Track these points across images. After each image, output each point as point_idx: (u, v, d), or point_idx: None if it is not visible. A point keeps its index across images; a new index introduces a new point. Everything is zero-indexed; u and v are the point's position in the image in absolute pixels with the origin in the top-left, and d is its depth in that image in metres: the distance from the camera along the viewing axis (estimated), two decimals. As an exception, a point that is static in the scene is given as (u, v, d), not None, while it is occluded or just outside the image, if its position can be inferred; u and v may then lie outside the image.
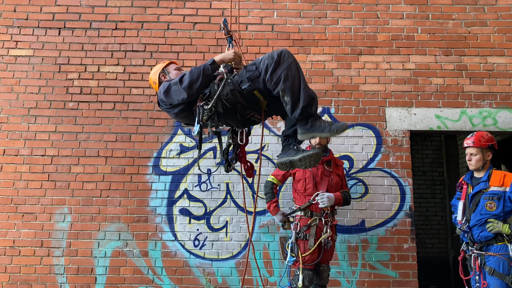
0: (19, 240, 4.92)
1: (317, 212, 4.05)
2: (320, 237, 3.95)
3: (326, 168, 4.20)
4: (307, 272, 3.90)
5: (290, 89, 2.49)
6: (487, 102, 5.18)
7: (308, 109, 2.53)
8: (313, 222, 4.02)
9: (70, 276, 4.86)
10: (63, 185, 5.04)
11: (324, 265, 4.05)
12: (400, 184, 5.03)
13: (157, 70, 3.14)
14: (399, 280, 4.82)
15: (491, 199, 3.53)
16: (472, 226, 3.60)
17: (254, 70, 2.59)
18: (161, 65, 3.18)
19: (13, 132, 5.16)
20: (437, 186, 8.15)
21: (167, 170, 5.09)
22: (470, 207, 3.65)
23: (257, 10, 5.43)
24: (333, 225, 4.14)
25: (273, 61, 2.51)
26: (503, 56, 5.28)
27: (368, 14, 5.42)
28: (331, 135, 2.58)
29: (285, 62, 2.52)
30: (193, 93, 2.71)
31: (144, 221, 4.98)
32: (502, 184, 3.53)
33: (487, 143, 3.67)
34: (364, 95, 5.23)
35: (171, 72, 3.14)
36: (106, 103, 5.24)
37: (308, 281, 3.88)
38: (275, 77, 2.50)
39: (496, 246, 3.47)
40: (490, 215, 3.51)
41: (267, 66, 2.52)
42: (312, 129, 2.55)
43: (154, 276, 4.87)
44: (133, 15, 5.45)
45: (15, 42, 5.37)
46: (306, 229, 4.00)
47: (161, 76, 3.12)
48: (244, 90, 2.63)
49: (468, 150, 3.74)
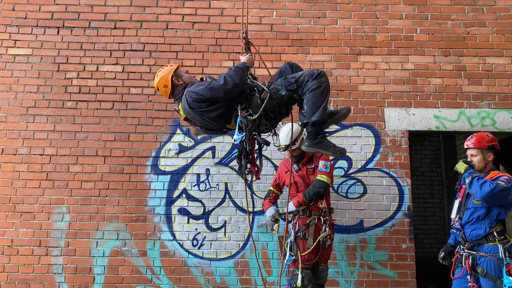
0: (17, 239, 4.92)
1: (316, 211, 4.06)
2: (318, 236, 3.97)
3: (309, 167, 4.21)
4: (306, 271, 3.91)
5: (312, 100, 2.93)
6: (485, 102, 5.18)
7: (318, 126, 2.96)
8: (312, 221, 4.03)
9: (68, 276, 4.85)
10: (62, 185, 5.04)
11: (323, 264, 4.05)
12: (398, 184, 5.04)
13: (168, 73, 3.12)
14: (397, 280, 4.82)
15: None
16: (464, 224, 3.61)
17: (293, 83, 2.99)
18: (171, 68, 3.16)
19: (11, 131, 5.15)
20: (435, 187, 8.16)
21: (166, 169, 5.09)
22: (464, 205, 3.67)
23: (256, 10, 5.43)
24: (331, 224, 4.15)
25: (312, 75, 2.97)
26: (501, 57, 5.29)
27: (367, 14, 5.43)
28: (334, 156, 3.05)
29: (320, 78, 2.97)
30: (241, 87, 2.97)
31: (142, 220, 4.97)
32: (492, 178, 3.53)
33: (488, 144, 3.64)
34: (363, 95, 5.23)
35: (183, 76, 3.16)
36: (105, 103, 5.23)
37: (308, 280, 3.89)
38: (306, 87, 2.95)
39: (487, 247, 3.45)
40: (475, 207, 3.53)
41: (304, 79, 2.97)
42: (319, 145, 3.00)
43: (152, 275, 4.86)
44: (132, 15, 5.45)
45: (13, 41, 5.36)
46: (305, 228, 4.01)
47: (174, 80, 3.12)
48: (285, 96, 3.02)
49: (469, 151, 3.73)
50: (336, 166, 5.06)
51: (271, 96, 2.99)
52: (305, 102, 2.96)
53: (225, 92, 2.91)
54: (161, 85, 3.14)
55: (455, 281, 3.67)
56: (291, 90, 3.01)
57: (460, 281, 3.61)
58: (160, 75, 3.16)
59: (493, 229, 3.46)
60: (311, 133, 2.99)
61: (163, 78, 3.13)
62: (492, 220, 3.48)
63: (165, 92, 3.17)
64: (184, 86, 3.13)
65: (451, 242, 3.86)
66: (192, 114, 3.03)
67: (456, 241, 3.78)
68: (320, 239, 3.95)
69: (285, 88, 3.02)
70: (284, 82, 3.05)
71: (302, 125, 3.03)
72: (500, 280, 3.27)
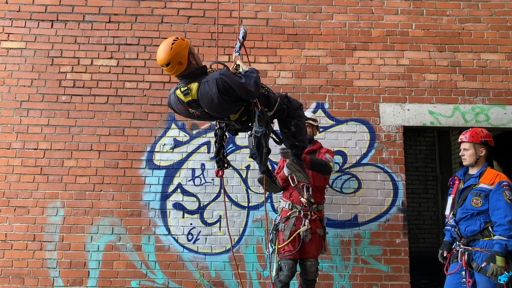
0: (11, 234, 4.90)
1: (297, 204, 4.06)
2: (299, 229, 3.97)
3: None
4: (287, 262, 3.93)
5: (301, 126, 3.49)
6: (480, 98, 5.21)
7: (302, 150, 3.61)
8: (293, 214, 4.05)
9: (63, 270, 4.85)
10: (56, 179, 5.02)
11: (311, 260, 4.00)
12: (393, 179, 5.06)
13: (185, 49, 2.82)
14: (391, 275, 4.86)
15: (478, 196, 3.51)
16: (458, 220, 3.62)
17: (290, 102, 3.41)
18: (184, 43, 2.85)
19: (5, 125, 5.11)
20: (429, 182, 8.22)
21: (161, 164, 5.08)
22: (458, 202, 3.67)
23: (252, 4, 5.41)
24: (317, 219, 4.07)
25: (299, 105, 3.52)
26: (496, 53, 5.31)
27: (363, 10, 5.42)
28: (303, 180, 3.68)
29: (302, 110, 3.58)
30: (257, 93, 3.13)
31: (137, 215, 4.97)
32: (493, 183, 3.50)
33: (481, 139, 3.66)
34: (358, 90, 5.24)
35: (195, 55, 2.93)
36: (100, 97, 5.21)
37: (288, 270, 3.90)
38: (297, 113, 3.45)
39: (483, 242, 3.45)
40: (475, 210, 3.50)
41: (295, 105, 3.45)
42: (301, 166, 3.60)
43: (147, 270, 4.87)
44: (127, 8, 5.41)
45: (7, 34, 5.31)
46: (285, 220, 4.04)
47: (190, 58, 2.86)
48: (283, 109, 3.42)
49: (462, 145, 3.76)
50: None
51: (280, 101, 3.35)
52: (294, 125, 3.42)
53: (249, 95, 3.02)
54: (176, 61, 2.78)
55: (449, 277, 3.68)
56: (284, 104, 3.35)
57: (454, 276, 3.61)
58: (176, 49, 2.78)
59: (488, 224, 3.46)
60: (298, 154, 3.57)
61: (179, 54, 2.78)
62: (487, 215, 3.48)
63: (177, 70, 2.84)
64: (198, 67, 2.93)
65: (448, 239, 3.83)
66: (214, 100, 2.84)
67: (452, 237, 3.77)
68: (301, 233, 3.94)
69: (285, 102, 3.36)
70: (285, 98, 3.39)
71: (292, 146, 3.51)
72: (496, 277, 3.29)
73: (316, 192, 4.14)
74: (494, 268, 3.26)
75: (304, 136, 3.56)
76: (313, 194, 4.09)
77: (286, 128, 3.46)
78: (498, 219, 3.36)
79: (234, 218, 4.97)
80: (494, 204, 3.42)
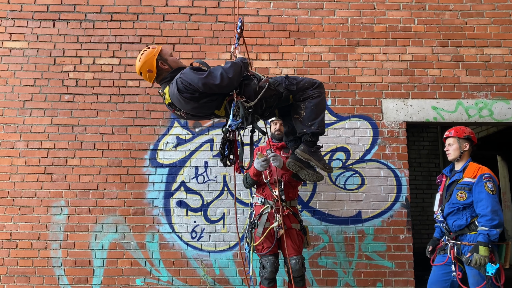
0: (16, 233, 4.93)
1: (270, 200, 3.99)
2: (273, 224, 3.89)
3: (283, 155, 4.08)
4: (268, 258, 3.88)
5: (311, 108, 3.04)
6: (483, 93, 5.19)
7: (317, 136, 3.11)
8: (265, 210, 3.98)
9: (68, 269, 4.87)
10: (60, 178, 5.03)
11: (295, 257, 3.89)
12: (396, 175, 5.05)
13: (153, 57, 2.94)
14: (395, 271, 4.86)
15: (463, 189, 3.60)
16: (446, 215, 3.69)
17: (294, 84, 3.08)
18: (154, 51, 2.97)
19: (8, 125, 5.13)
20: (433, 177, 8.19)
21: (164, 162, 5.09)
22: (445, 197, 3.75)
23: (253, 1, 5.40)
24: (290, 214, 3.97)
25: (312, 84, 3.10)
26: (499, 47, 5.28)
27: (365, 5, 5.40)
28: (322, 169, 3.14)
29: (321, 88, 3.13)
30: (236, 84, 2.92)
31: (141, 213, 4.98)
32: (475, 176, 3.58)
33: (465, 134, 3.76)
34: (360, 86, 5.23)
35: (168, 60, 3.02)
36: (102, 96, 5.22)
37: (270, 266, 3.86)
38: (306, 94, 3.07)
39: (470, 236, 3.53)
40: (460, 204, 3.58)
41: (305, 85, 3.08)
42: (313, 154, 3.09)
43: (151, 268, 4.89)
44: (129, 7, 5.41)
45: (9, 34, 5.32)
46: (259, 217, 3.98)
47: (160, 64, 2.96)
48: (283, 94, 3.07)
49: (447, 141, 3.86)
50: (334, 158, 5.07)
51: (270, 86, 3.01)
52: (304, 109, 3.04)
53: (219, 89, 2.84)
54: (145, 70, 2.94)
55: (434, 268, 3.76)
56: (289, 90, 3.06)
57: (440, 268, 3.70)
58: (143, 58, 2.94)
59: (474, 218, 3.55)
60: (308, 141, 3.10)
61: (147, 63, 2.93)
62: (473, 210, 3.56)
63: (149, 78, 2.98)
64: (172, 70, 3.00)
65: (437, 235, 3.93)
66: (180, 101, 2.90)
67: (442, 233, 3.86)
68: (274, 228, 3.86)
69: (285, 86, 3.07)
70: (285, 80, 3.09)
71: (300, 133, 3.12)
72: (484, 268, 3.35)
73: (289, 188, 4.01)
74: (477, 258, 3.34)
75: (318, 118, 3.08)
76: (285, 189, 3.96)
77: (296, 114, 3.11)
78: (481, 210, 3.45)
79: (238, 215, 4.97)
80: (477, 196, 3.51)
